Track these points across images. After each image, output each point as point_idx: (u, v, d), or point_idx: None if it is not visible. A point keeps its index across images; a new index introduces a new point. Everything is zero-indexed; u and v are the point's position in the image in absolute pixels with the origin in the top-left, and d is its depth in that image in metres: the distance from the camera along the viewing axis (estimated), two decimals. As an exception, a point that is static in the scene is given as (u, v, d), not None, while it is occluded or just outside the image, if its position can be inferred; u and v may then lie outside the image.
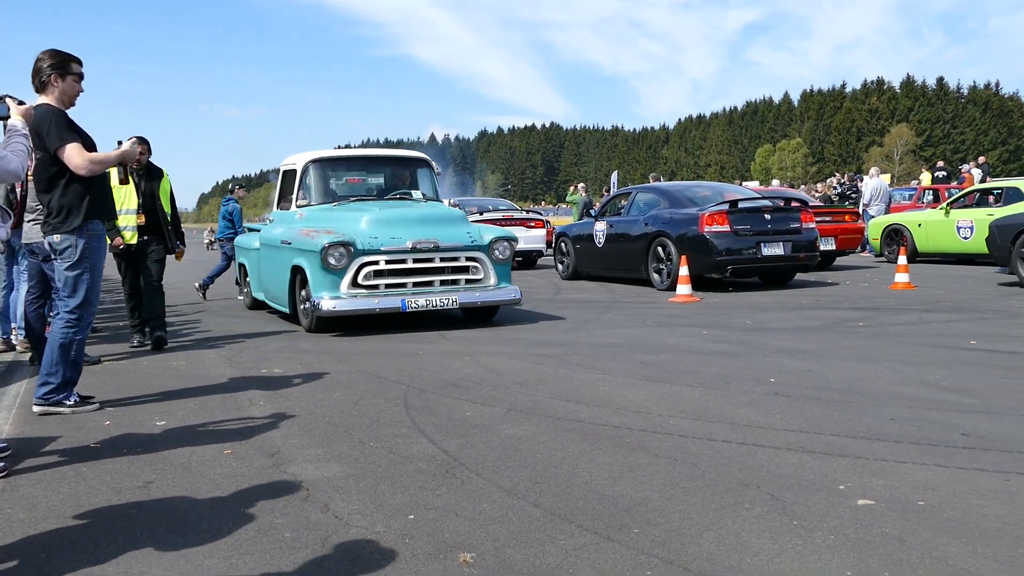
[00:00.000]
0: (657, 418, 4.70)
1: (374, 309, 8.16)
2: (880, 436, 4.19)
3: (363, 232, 8.30)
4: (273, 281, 9.59)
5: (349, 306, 8.11)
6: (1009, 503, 3.22)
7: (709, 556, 2.81)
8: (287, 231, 9.17)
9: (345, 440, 4.44)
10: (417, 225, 8.52)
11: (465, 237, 8.68)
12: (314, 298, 8.19)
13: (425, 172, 10.20)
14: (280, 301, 9.39)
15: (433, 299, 8.26)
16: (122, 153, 5.44)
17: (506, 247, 8.86)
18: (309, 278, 8.30)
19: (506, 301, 8.81)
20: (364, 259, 8.23)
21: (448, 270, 8.61)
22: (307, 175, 9.68)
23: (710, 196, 12.61)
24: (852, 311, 9.27)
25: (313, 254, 8.17)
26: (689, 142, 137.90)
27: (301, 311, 8.79)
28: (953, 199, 15.67)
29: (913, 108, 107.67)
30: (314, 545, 3.00)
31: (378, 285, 8.31)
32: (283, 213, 9.98)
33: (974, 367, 5.87)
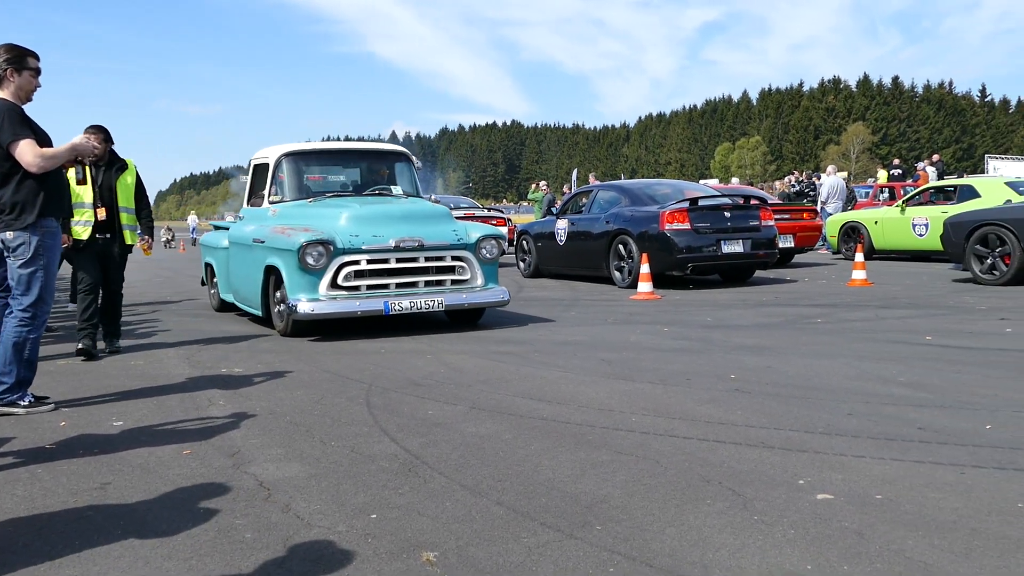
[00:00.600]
0: (619, 415, 4.72)
1: (355, 312, 7.71)
2: (838, 431, 4.24)
3: (343, 230, 7.83)
4: (244, 282, 9.06)
5: (328, 309, 7.63)
6: (964, 496, 3.27)
7: (671, 552, 2.83)
8: (259, 229, 8.66)
9: (306, 440, 4.41)
10: (400, 222, 8.06)
11: (451, 235, 8.23)
12: (290, 300, 7.70)
13: (404, 166, 9.72)
14: (252, 303, 8.87)
15: (418, 301, 7.81)
16: (72, 147, 5.25)
17: (494, 246, 8.43)
18: (285, 279, 7.81)
19: (494, 303, 8.40)
20: (344, 259, 7.75)
21: (432, 270, 8.15)
22: (280, 169, 9.13)
23: (671, 194, 12.68)
24: (811, 308, 9.37)
25: (289, 253, 7.69)
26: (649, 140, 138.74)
27: (275, 314, 8.31)
28: (909, 197, 15.92)
29: (869, 107, 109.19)
30: (275, 546, 2.98)
31: (359, 286, 7.84)
32: (254, 210, 9.38)
33: (929, 362, 5.96)
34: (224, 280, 9.99)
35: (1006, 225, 10.72)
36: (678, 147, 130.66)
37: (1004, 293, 10.07)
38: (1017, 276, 10.65)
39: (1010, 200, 13.50)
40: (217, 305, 10.48)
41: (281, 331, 8.18)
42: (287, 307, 7.78)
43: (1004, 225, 10.74)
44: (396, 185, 9.47)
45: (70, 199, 6.21)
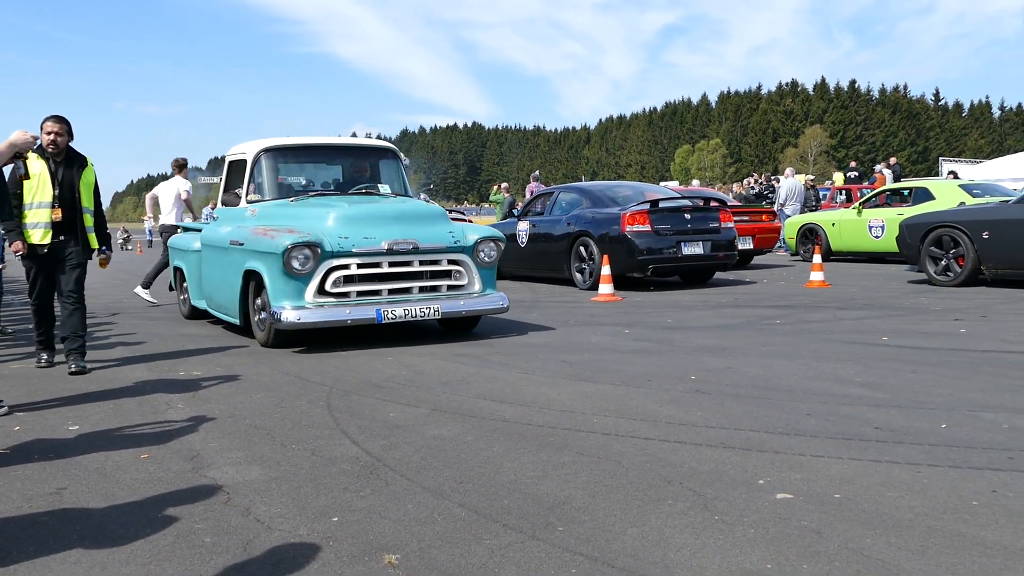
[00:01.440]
0: (581, 417, 4.73)
1: (345, 320, 7.08)
2: (797, 431, 4.29)
3: (331, 231, 7.20)
4: (219, 288, 8.41)
5: (315, 317, 7.00)
6: (920, 494, 3.32)
7: (633, 552, 2.84)
8: (238, 230, 7.98)
9: (266, 443, 4.37)
10: (393, 223, 7.45)
11: (447, 237, 7.64)
12: (273, 308, 7.07)
13: (392, 163, 9.13)
14: (228, 311, 8.20)
15: (412, 309, 7.24)
16: (10, 143, 4.99)
17: (492, 248, 7.86)
18: (267, 285, 7.17)
19: (493, 310, 7.84)
20: (333, 262, 7.13)
21: (427, 275, 7.58)
22: (259, 166, 8.46)
23: (631, 196, 12.74)
24: (770, 309, 9.46)
25: (273, 257, 7.05)
26: (610, 142, 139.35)
27: (255, 323, 7.69)
28: (865, 199, 16.17)
29: (826, 110, 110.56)
30: (235, 550, 2.95)
31: (349, 293, 7.22)
32: (231, 210, 8.67)
33: (886, 362, 6.04)
34: (196, 285, 9.33)
35: (960, 227, 10.90)
36: (638, 149, 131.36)
37: (958, 294, 10.24)
38: (970, 277, 10.84)
39: (964, 202, 13.77)
40: (188, 312, 9.80)
41: (262, 341, 7.57)
42: (270, 316, 7.19)
43: (958, 227, 10.93)
44: (383, 183, 8.91)
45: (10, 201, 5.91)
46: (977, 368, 5.76)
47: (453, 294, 7.67)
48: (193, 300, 9.42)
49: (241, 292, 7.77)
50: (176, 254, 10.13)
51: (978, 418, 4.43)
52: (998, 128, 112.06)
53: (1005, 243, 10.43)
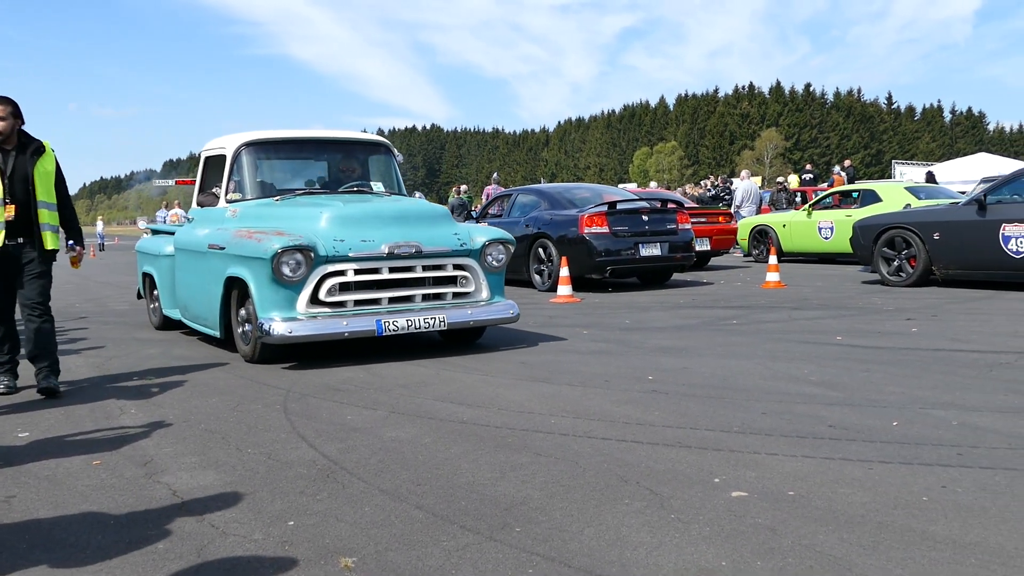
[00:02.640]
0: (539, 417, 4.74)
1: (342, 333, 6.38)
2: (752, 430, 4.33)
3: (325, 233, 6.52)
4: (196, 297, 7.64)
5: (308, 330, 6.30)
6: (872, 490, 3.37)
7: (590, 552, 2.85)
8: (217, 233, 7.26)
9: (222, 447, 4.32)
10: (392, 224, 6.76)
11: (452, 240, 6.94)
12: (261, 319, 6.35)
13: (385, 159, 8.45)
14: (207, 322, 7.44)
15: (415, 319, 6.59)
16: None
17: (502, 252, 7.18)
18: (253, 293, 6.44)
19: (502, 320, 7.19)
20: (327, 268, 6.43)
21: (430, 281, 6.92)
22: (239, 162, 7.72)
23: (589, 198, 12.80)
24: (726, 309, 9.55)
25: (260, 262, 6.35)
26: (569, 144, 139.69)
27: (239, 336, 6.96)
28: (815, 201, 16.57)
29: (782, 113, 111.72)
30: (189, 556, 2.91)
31: (345, 302, 6.55)
32: (207, 210, 7.95)
33: (839, 361, 6.13)
34: (168, 293, 8.53)
35: (912, 228, 11.08)
36: (597, 151, 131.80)
37: (910, 294, 10.41)
38: (922, 278, 11.02)
39: (909, 204, 14.10)
40: (159, 323, 8.98)
41: (247, 356, 6.82)
42: (256, 328, 6.46)
43: (910, 228, 11.10)
44: (376, 181, 8.25)
45: None
46: (928, 367, 5.85)
47: (459, 302, 7.01)
48: (165, 309, 8.63)
49: (222, 301, 7.06)
50: (145, 259, 9.30)
51: (928, 415, 4.51)
52: (949, 131, 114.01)
53: (955, 244, 10.62)
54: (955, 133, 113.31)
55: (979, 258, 10.40)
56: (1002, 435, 4.10)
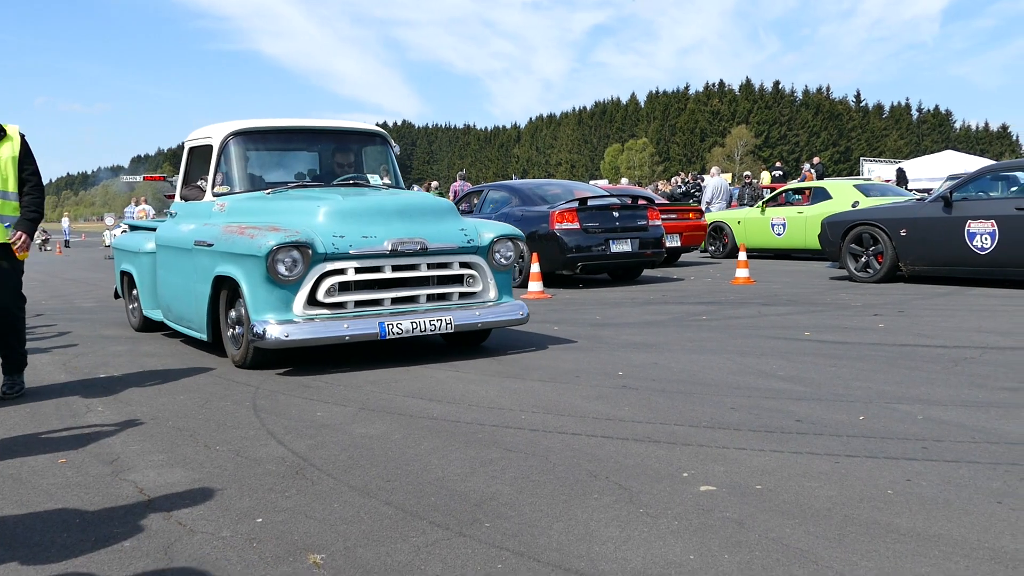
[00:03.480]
0: (509, 413, 4.74)
1: (342, 336, 5.93)
2: (721, 424, 4.36)
3: (323, 229, 6.06)
4: (180, 297, 7.16)
5: (306, 333, 5.87)
6: (839, 484, 3.40)
7: (559, 546, 2.86)
8: (204, 229, 6.81)
9: (190, 444, 4.29)
10: (396, 219, 6.32)
11: (459, 236, 6.52)
12: (255, 322, 5.90)
13: (382, 150, 8.02)
14: (192, 324, 6.99)
15: (421, 321, 6.15)
16: None
17: (510, 249, 6.78)
18: (246, 294, 5.99)
19: (511, 321, 6.73)
20: (327, 266, 5.99)
21: (435, 280, 6.51)
22: (227, 153, 7.26)
23: (560, 194, 12.83)
24: (696, 305, 9.60)
25: (253, 260, 5.91)
26: (540, 141, 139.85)
27: (228, 339, 6.50)
28: (768, 198, 17.08)
29: (752, 110, 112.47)
30: (156, 553, 2.89)
31: (345, 303, 6.11)
32: (193, 205, 7.47)
33: (807, 357, 6.18)
34: (149, 293, 8.07)
35: (879, 225, 11.19)
36: (568, 148, 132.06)
37: (877, 290, 10.52)
38: (889, 274, 11.14)
39: (857, 202, 14.49)
40: (139, 324, 8.49)
41: (238, 361, 6.37)
42: (248, 331, 6.01)
43: (877, 225, 11.22)
44: (373, 174, 7.88)
45: None
46: (894, 362, 5.92)
47: (465, 303, 6.58)
48: (146, 310, 8.16)
49: (209, 302, 6.59)
50: (124, 257, 8.75)
51: (894, 410, 4.56)
52: (916, 129, 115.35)
53: (921, 241, 10.75)
54: (922, 131, 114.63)
55: (945, 254, 10.53)
56: (966, 429, 4.15)
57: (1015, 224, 9.78)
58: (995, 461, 3.64)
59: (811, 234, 15.16)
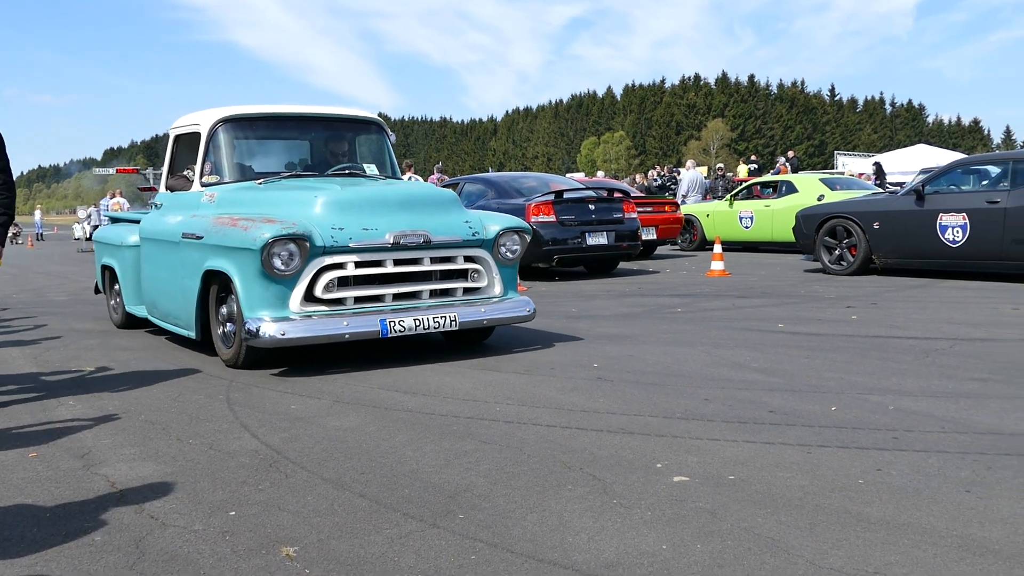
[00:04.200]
0: (484, 405, 4.75)
1: (342, 335, 5.63)
2: (695, 416, 4.38)
3: (321, 220, 5.75)
4: (167, 292, 6.83)
5: (303, 331, 5.56)
6: (810, 474, 3.43)
7: (532, 537, 2.87)
8: (192, 221, 6.46)
9: (162, 438, 4.27)
10: (397, 210, 6.03)
11: (463, 228, 6.23)
12: (248, 320, 5.59)
13: (378, 139, 7.72)
14: (179, 321, 6.63)
15: (424, 318, 5.85)
16: None
17: (516, 242, 6.48)
18: (238, 289, 5.67)
19: (517, 318, 6.44)
20: (325, 260, 5.68)
21: (437, 275, 6.22)
22: (216, 141, 6.90)
23: (536, 187, 12.84)
24: (671, 298, 9.64)
25: (246, 254, 5.58)
26: (517, 134, 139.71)
27: (219, 337, 6.17)
28: (736, 191, 17.37)
29: (728, 104, 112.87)
30: (127, 547, 2.87)
31: (344, 299, 5.81)
32: (179, 195, 7.09)
33: (781, 348, 6.22)
34: (133, 288, 7.72)
35: (852, 218, 11.28)
36: (545, 141, 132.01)
37: (850, 282, 10.60)
38: (862, 266, 11.23)
39: (823, 196, 14.70)
40: (122, 320, 8.13)
41: (230, 361, 6.04)
42: (242, 329, 5.67)
43: (850, 218, 11.31)
44: (369, 163, 7.51)
45: None
46: (866, 353, 5.97)
47: (469, 299, 6.29)
48: (129, 306, 7.82)
49: (199, 298, 6.23)
50: (105, 250, 8.37)
51: (866, 400, 4.60)
52: (890, 123, 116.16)
53: (894, 233, 10.84)
54: (895, 125, 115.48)
55: (917, 247, 10.63)
56: (936, 419, 4.20)
57: (986, 217, 9.88)
58: (964, 451, 3.69)
59: (778, 227, 15.38)
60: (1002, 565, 2.56)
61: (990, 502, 3.07)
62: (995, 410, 4.35)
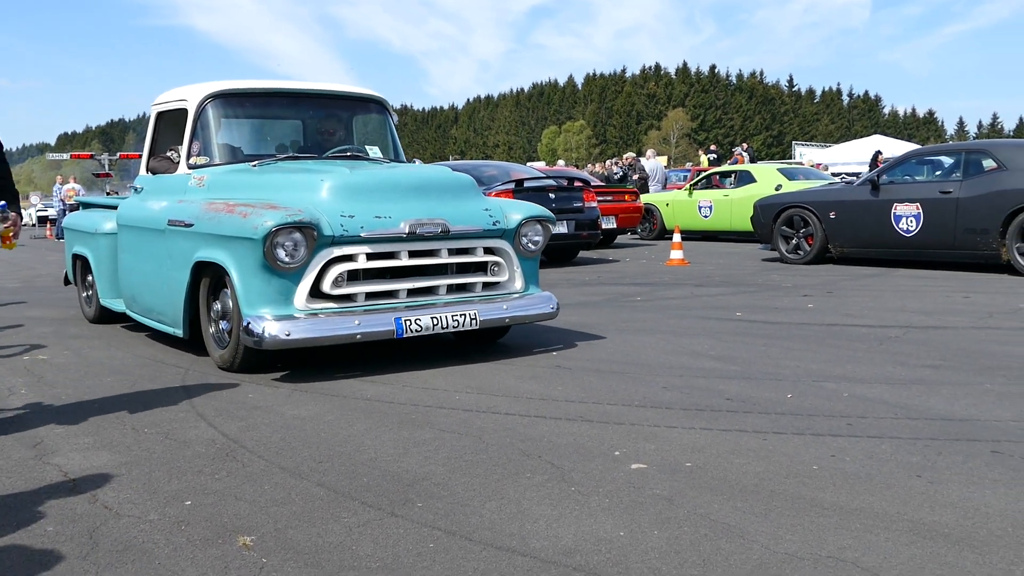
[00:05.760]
0: (443, 394, 4.74)
1: (354, 335, 5.07)
2: (653, 403, 4.41)
3: (328, 207, 5.16)
4: (150, 285, 6.23)
5: (310, 331, 5.00)
6: (766, 460, 3.47)
7: (491, 525, 2.87)
8: (180, 207, 5.88)
9: (116, 427, 4.21)
10: (412, 196, 5.47)
11: (484, 217, 5.66)
12: (248, 318, 5.02)
13: (381, 119, 7.15)
14: (164, 317, 6.03)
15: (442, 316, 5.31)
16: None
17: (539, 233, 5.92)
18: (236, 284, 5.10)
19: (541, 316, 5.90)
20: (334, 251, 5.11)
21: (454, 268, 5.70)
22: (205, 119, 6.28)
23: (497, 175, 12.83)
24: (631, 287, 9.69)
25: (246, 244, 5.01)
26: (478, 122, 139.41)
27: (211, 336, 5.59)
28: (695, 180, 17.62)
29: (688, 94, 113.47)
30: (80, 538, 2.84)
31: (354, 295, 5.25)
32: (163, 178, 6.47)
33: (738, 336, 6.28)
34: (108, 280, 7.09)
35: (809, 208, 11.41)
36: (506, 130, 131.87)
37: (807, 271, 10.73)
38: (819, 255, 11.38)
39: (780, 185, 14.91)
40: (95, 315, 7.52)
41: (223, 363, 5.45)
42: (240, 328, 5.09)
43: (807, 208, 11.44)
44: (372, 145, 6.95)
45: None
46: (822, 341, 6.05)
47: (489, 295, 5.75)
48: (104, 299, 7.19)
49: (187, 292, 5.65)
50: (77, 238, 7.68)
51: (821, 388, 4.66)
52: (847, 114, 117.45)
53: (850, 223, 10.99)
54: (852, 116, 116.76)
55: (872, 236, 10.79)
56: (889, 405, 4.26)
57: (939, 207, 10.04)
58: (915, 436, 3.75)
59: (736, 216, 15.54)
60: (951, 548, 2.61)
61: (940, 487, 3.13)
62: (946, 396, 4.43)
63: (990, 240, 9.65)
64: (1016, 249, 9.47)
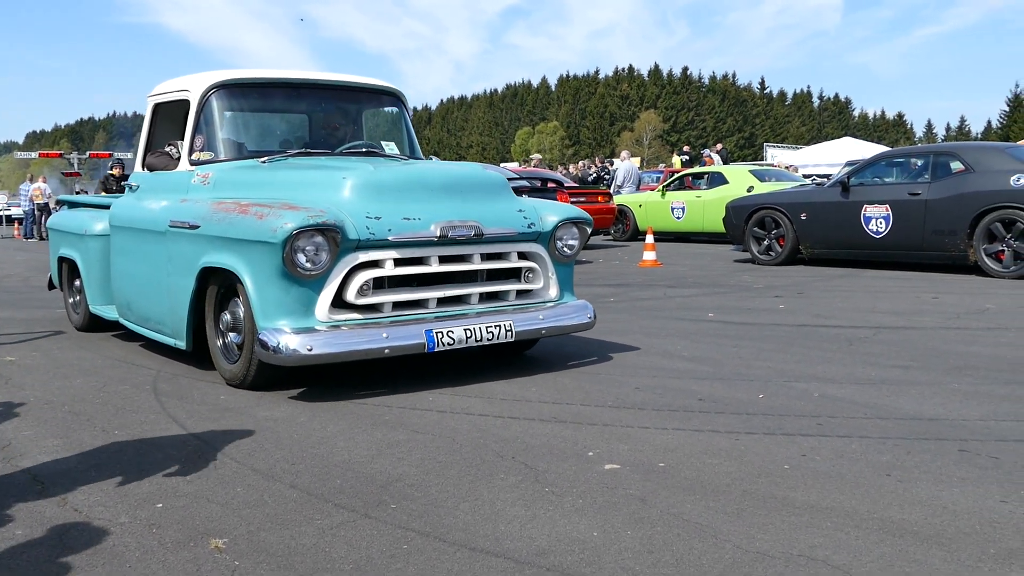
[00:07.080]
0: (416, 395, 4.73)
1: (382, 350, 4.60)
2: (626, 404, 4.43)
3: (352, 208, 4.68)
4: (148, 293, 5.75)
5: (333, 346, 4.52)
6: (738, 460, 3.50)
7: (465, 526, 2.87)
8: (183, 207, 5.38)
9: (86, 429, 4.17)
10: (443, 196, 5.01)
11: (518, 219, 5.21)
12: (264, 330, 4.54)
13: (397, 113, 6.66)
14: (164, 327, 5.56)
15: (476, 328, 4.85)
16: None
17: (575, 236, 5.47)
18: (251, 293, 4.62)
19: (578, 326, 5.45)
20: (360, 257, 4.63)
21: (484, 275, 5.20)
22: (210, 110, 5.78)
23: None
24: (604, 287, 9.71)
25: (263, 248, 4.53)
26: (451, 123, 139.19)
27: (219, 350, 5.12)
28: (668, 182, 17.75)
29: (660, 95, 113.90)
30: (50, 542, 2.81)
31: (380, 304, 4.77)
32: (162, 176, 5.96)
33: (711, 337, 6.32)
34: (98, 286, 6.64)
35: (780, 209, 11.50)
36: (480, 130, 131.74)
37: (778, 272, 10.81)
38: (790, 256, 11.47)
39: (752, 187, 15.03)
40: (84, 322, 7.04)
41: (234, 379, 4.98)
42: (255, 342, 4.61)
43: (779, 209, 11.53)
44: (388, 141, 6.46)
45: None
46: (793, 341, 6.09)
47: (523, 304, 5.29)
48: (94, 306, 6.73)
49: (192, 301, 5.17)
50: (64, 239, 7.18)
51: (792, 388, 4.70)
52: (818, 116, 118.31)
53: (820, 224, 11.09)
54: (823, 118, 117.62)
55: (842, 237, 10.89)
56: (859, 405, 4.30)
57: (908, 208, 10.15)
58: (885, 436, 3.79)
59: (709, 218, 15.64)
60: (920, 546, 2.64)
61: (909, 485, 3.16)
62: (915, 396, 4.48)
63: (958, 241, 9.77)
64: (983, 250, 9.59)
